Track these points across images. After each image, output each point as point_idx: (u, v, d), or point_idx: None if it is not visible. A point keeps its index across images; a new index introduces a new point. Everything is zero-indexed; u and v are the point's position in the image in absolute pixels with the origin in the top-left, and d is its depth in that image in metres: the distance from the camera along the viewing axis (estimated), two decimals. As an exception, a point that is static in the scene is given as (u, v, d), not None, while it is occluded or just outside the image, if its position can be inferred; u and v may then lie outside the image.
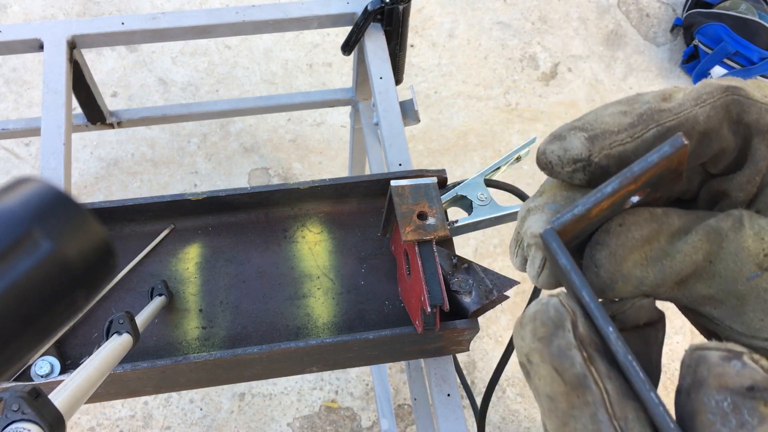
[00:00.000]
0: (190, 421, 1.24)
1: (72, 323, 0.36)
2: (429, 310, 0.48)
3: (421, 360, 0.71)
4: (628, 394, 0.21)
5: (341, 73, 1.64)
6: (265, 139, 1.55)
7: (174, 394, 1.26)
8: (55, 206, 0.23)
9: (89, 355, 0.39)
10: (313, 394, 1.28)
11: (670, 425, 0.20)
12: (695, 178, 0.27)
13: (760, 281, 0.24)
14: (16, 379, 0.51)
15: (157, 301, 0.54)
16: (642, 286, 0.25)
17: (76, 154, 1.49)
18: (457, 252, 0.58)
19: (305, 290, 0.59)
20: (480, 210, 0.57)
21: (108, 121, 0.93)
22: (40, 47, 0.75)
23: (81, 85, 0.83)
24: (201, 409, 1.25)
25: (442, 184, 0.60)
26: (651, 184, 0.24)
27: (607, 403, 0.21)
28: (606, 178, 0.24)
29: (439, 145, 1.57)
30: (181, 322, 0.58)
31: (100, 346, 0.41)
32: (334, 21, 0.81)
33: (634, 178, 0.23)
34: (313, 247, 0.62)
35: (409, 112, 0.79)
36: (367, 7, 0.77)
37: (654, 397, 0.20)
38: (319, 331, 0.57)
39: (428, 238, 0.50)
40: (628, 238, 0.24)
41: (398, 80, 0.84)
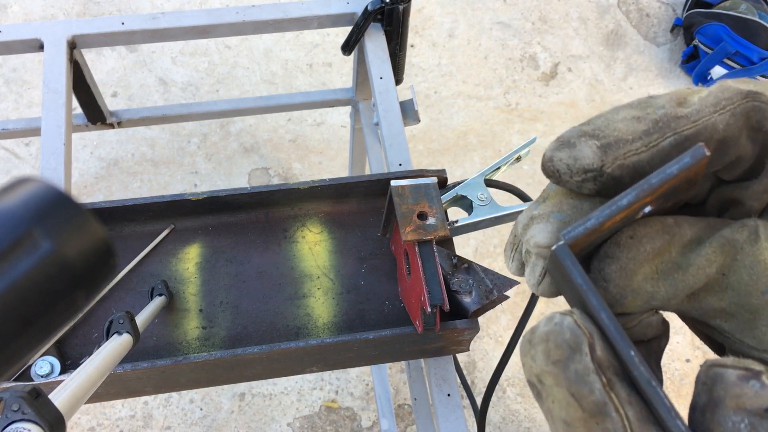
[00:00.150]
0: (191, 421, 1.24)
1: (72, 323, 0.36)
2: (429, 310, 0.47)
3: (421, 360, 0.71)
4: (648, 419, 0.20)
5: (341, 73, 1.64)
6: (265, 139, 1.55)
7: (174, 394, 1.26)
8: (55, 206, 0.23)
9: (89, 355, 0.39)
10: (314, 394, 1.28)
11: None
12: (705, 183, 0.26)
13: None
14: (16, 379, 0.51)
15: (157, 301, 0.54)
16: (652, 300, 0.24)
17: (76, 154, 1.49)
18: (457, 252, 0.58)
19: (305, 290, 0.59)
20: (480, 210, 0.57)
21: (108, 121, 0.93)
22: (40, 47, 0.75)
23: (81, 85, 0.83)
24: (201, 409, 1.25)
25: (442, 184, 0.60)
26: (665, 195, 0.23)
27: (628, 430, 0.20)
28: (617, 188, 0.23)
29: (439, 145, 1.56)
30: (181, 322, 0.58)
31: (100, 346, 0.41)
32: (334, 21, 0.81)
33: (652, 191, 0.22)
34: (313, 247, 0.62)
35: (409, 112, 0.79)
36: (367, 7, 0.77)
37: (680, 425, 0.20)
38: (319, 331, 0.57)
39: (428, 238, 0.50)
40: (640, 252, 0.23)
41: (398, 80, 0.84)
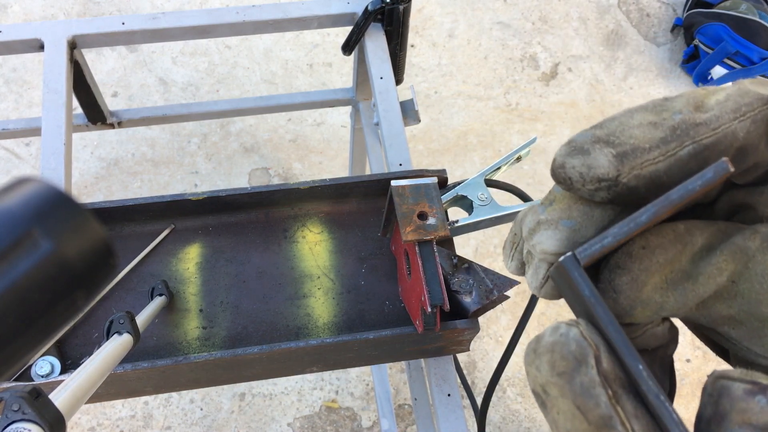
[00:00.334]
0: (191, 421, 1.24)
1: (72, 323, 0.36)
2: (429, 310, 0.47)
3: (422, 360, 0.71)
4: None
5: (341, 73, 1.64)
6: (266, 139, 1.55)
7: (174, 394, 1.26)
8: (55, 206, 0.23)
9: (89, 355, 0.39)
10: (314, 394, 1.28)
11: None
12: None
13: None
14: (17, 379, 0.51)
15: (158, 301, 0.54)
16: (661, 311, 0.23)
17: (77, 154, 1.49)
18: (457, 252, 0.58)
19: (305, 290, 0.59)
20: (480, 210, 0.57)
21: (108, 121, 0.93)
22: (41, 47, 0.75)
23: (81, 85, 0.83)
24: (201, 409, 1.25)
25: (443, 184, 0.60)
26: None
27: None
28: (631, 198, 0.22)
29: (440, 145, 1.56)
30: (182, 322, 0.58)
31: (100, 346, 0.41)
32: (335, 21, 0.81)
33: (672, 207, 0.21)
34: (314, 247, 0.62)
35: (409, 112, 0.79)
36: (367, 7, 0.77)
37: None
38: (319, 331, 0.57)
39: (428, 238, 0.50)
40: (652, 263, 0.23)
41: (398, 80, 0.84)
